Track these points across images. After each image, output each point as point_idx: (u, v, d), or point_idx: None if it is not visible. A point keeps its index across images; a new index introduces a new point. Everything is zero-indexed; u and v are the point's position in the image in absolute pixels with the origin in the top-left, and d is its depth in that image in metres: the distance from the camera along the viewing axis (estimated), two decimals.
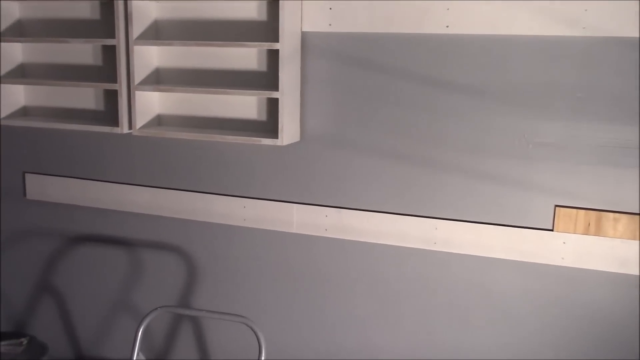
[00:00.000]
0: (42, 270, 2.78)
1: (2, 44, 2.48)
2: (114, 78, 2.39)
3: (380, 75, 2.14)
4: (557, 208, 2.02)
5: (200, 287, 2.52)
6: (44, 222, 2.74)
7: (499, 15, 1.97)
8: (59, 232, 2.72)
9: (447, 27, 2.03)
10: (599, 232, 1.99)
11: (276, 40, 2.11)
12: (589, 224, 2.00)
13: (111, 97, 2.47)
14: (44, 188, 2.69)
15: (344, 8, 2.13)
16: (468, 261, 2.14)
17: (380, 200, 2.21)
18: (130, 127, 2.34)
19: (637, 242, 1.95)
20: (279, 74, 2.10)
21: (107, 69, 2.46)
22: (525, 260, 2.07)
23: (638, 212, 1.94)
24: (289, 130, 2.17)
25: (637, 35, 1.85)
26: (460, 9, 2.01)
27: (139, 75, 2.29)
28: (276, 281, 2.40)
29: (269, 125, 2.28)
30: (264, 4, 2.21)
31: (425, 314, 2.23)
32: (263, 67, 2.26)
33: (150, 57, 2.36)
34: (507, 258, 2.09)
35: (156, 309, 1.92)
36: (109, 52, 2.44)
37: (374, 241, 2.24)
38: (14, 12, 2.53)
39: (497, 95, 2.02)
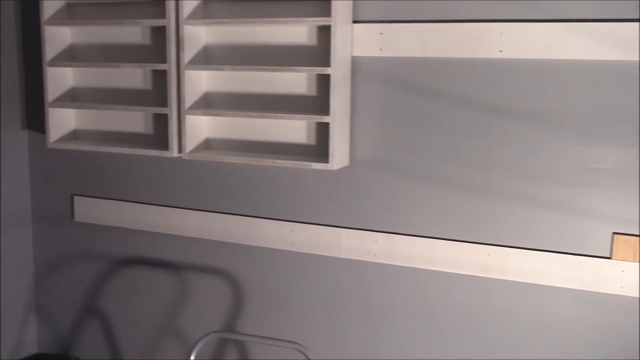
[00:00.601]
0: (89, 293, 2.80)
1: (54, 69, 2.52)
2: (163, 102, 2.41)
3: (431, 100, 2.12)
4: (615, 235, 1.97)
5: (247, 312, 2.51)
6: (92, 245, 2.76)
7: (553, 39, 1.94)
8: (107, 254, 2.74)
9: (501, 51, 2.01)
10: None
11: (327, 65, 2.11)
12: None
13: (160, 121, 2.50)
14: (92, 211, 2.72)
15: (395, 33, 2.12)
16: (521, 289, 2.10)
17: (431, 225, 2.19)
18: (179, 150, 2.36)
19: None
20: (330, 99, 2.09)
21: (156, 93, 2.49)
22: (582, 288, 2.02)
23: None
24: (339, 154, 2.16)
25: None
26: (514, 33, 1.99)
27: (189, 99, 2.31)
28: (324, 307, 2.38)
29: (318, 150, 2.28)
30: (314, 29, 2.22)
31: (477, 343, 2.18)
32: (312, 92, 2.26)
33: (200, 81, 2.38)
34: (563, 286, 2.04)
35: (208, 334, 1.91)
36: (159, 77, 2.47)
37: (424, 267, 2.21)
38: (66, 37, 2.58)
39: (552, 120, 1.99)
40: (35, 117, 2.77)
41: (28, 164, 2.82)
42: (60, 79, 2.57)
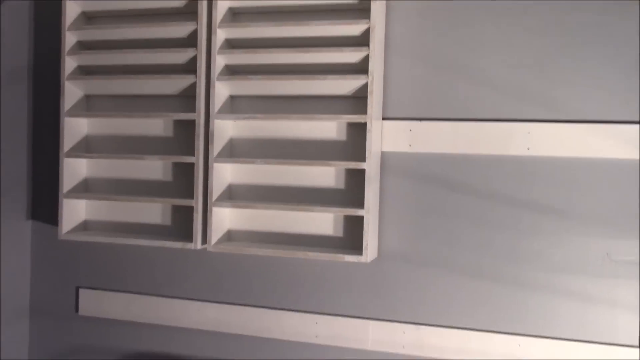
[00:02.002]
0: None
1: (70, 159, 2.49)
2: (183, 193, 2.41)
3: (460, 194, 2.20)
4: None
5: None
6: (97, 340, 2.65)
7: (578, 138, 2.08)
8: (113, 350, 2.63)
9: (528, 149, 2.13)
10: None
11: (361, 159, 2.17)
12: None
13: (179, 213, 2.48)
14: (99, 304, 2.62)
15: (425, 129, 2.22)
16: None
17: (460, 316, 2.22)
18: (203, 242, 2.34)
19: None
20: (365, 193, 2.15)
21: (175, 184, 2.49)
22: None
23: None
24: (371, 247, 2.19)
25: None
26: (540, 132, 2.11)
27: (216, 191, 2.32)
28: None
29: (345, 242, 2.31)
30: (343, 125, 2.29)
31: None
32: (340, 185, 2.31)
33: (225, 174, 2.39)
34: None
35: None
36: (181, 169, 2.47)
37: (455, 358, 2.22)
38: (82, 128, 2.56)
39: (579, 215, 2.10)
40: (41, 208, 2.69)
41: (30, 255, 2.71)
42: (73, 170, 2.53)
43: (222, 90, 2.33)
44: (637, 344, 2.06)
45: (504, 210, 2.17)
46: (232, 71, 2.37)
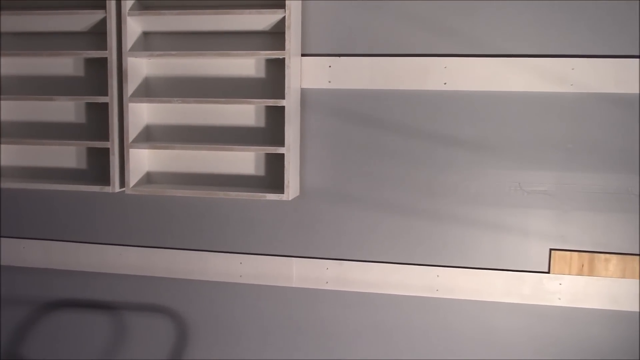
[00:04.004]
0: (11, 342, 2.59)
1: None
2: (100, 136, 2.33)
3: (379, 130, 2.21)
4: (552, 251, 2.15)
5: (194, 349, 2.45)
6: (15, 289, 2.57)
7: (494, 73, 2.11)
8: (32, 299, 2.56)
9: (445, 84, 2.15)
10: (592, 272, 2.13)
11: (281, 96, 2.14)
12: (583, 265, 2.14)
13: (94, 156, 2.40)
14: (17, 252, 2.53)
15: (344, 65, 2.20)
16: (470, 306, 2.22)
17: (381, 250, 2.26)
18: (121, 185, 2.28)
19: (627, 280, 2.11)
20: (285, 130, 2.13)
21: (90, 127, 2.39)
22: (525, 302, 2.18)
23: (626, 252, 2.11)
24: (292, 185, 2.19)
25: (617, 92, 2.04)
26: (457, 67, 2.13)
27: (132, 132, 2.25)
28: (277, 337, 2.38)
29: (267, 181, 2.29)
30: (262, 61, 2.25)
31: None
32: (261, 123, 2.28)
33: (142, 114, 2.32)
34: (507, 301, 2.19)
35: None
36: (95, 110, 2.38)
37: (376, 291, 2.28)
38: None
39: (493, 147, 2.15)
40: None
41: None
42: None
43: (134, 26, 2.23)
44: (547, 270, 2.16)
45: (422, 145, 2.20)
46: (144, 6, 2.27)
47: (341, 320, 2.32)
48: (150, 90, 2.35)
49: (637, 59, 2.03)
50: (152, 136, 2.37)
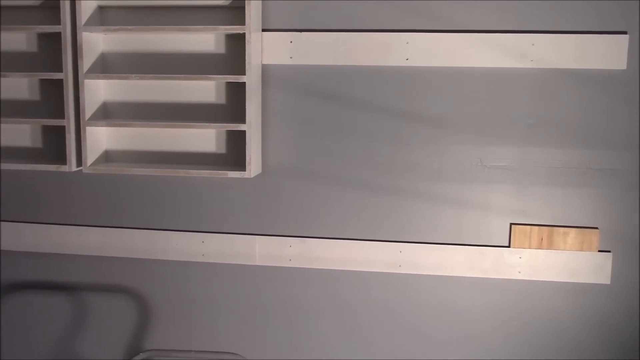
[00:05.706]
0: None
1: None
2: (55, 113, 2.27)
3: (341, 106, 2.20)
4: (512, 226, 2.18)
5: (155, 329, 2.42)
6: None
7: (455, 49, 2.11)
8: None
9: (407, 59, 2.14)
10: (550, 245, 2.17)
11: (242, 72, 2.11)
12: (542, 239, 2.17)
13: (50, 134, 2.34)
14: None
15: (305, 41, 2.17)
16: (432, 281, 2.24)
17: (343, 227, 2.26)
18: (79, 164, 2.23)
19: (585, 253, 2.15)
20: (246, 107, 2.10)
21: (45, 104, 2.32)
22: (486, 276, 2.21)
23: (584, 225, 2.15)
24: (254, 162, 2.17)
25: (578, 67, 2.06)
26: (419, 43, 2.12)
27: (88, 110, 2.19)
28: (240, 316, 2.37)
29: (228, 158, 2.26)
30: (222, 37, 2.21)
31: (393, 336, 2.29)
32: (222, 100, 2.24)
33: (98, 91, 2.26)
34: (469, 276, 2.22)
35: (139, 353, 1.82)
36: (50, 87, 2.31)
37: (340, 268, 2.28)
38: None
39: (455, 123, 2.16)
40: None
41: None
42: None
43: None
44: (508, 244, 2.19)
45: (384, 122, 2.19)
46: None
47: (305, 297, 2.32)
48: (107, 66, 2.28)
49: (597, 35, 2.04)
50: (109, 114, 2.31)
